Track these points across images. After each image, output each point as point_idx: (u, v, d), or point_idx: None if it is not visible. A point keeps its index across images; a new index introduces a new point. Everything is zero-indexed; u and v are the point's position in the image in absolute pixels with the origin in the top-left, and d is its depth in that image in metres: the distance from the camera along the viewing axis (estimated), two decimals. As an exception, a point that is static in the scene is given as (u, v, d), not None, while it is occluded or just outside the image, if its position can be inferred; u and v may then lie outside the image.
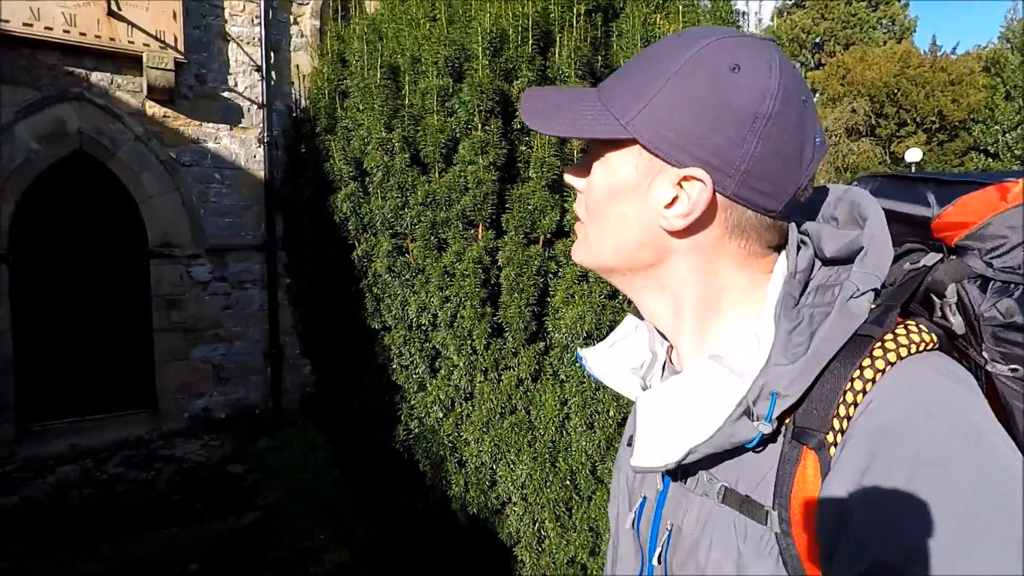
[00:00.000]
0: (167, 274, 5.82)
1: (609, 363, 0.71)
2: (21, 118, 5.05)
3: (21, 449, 5.13)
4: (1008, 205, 0.55)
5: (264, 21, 6.10)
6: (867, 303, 0.53)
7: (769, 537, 0.53)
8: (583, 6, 1.89)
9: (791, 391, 0.51)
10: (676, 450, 0.56)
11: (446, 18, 2.00)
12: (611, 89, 0.58)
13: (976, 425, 0.47)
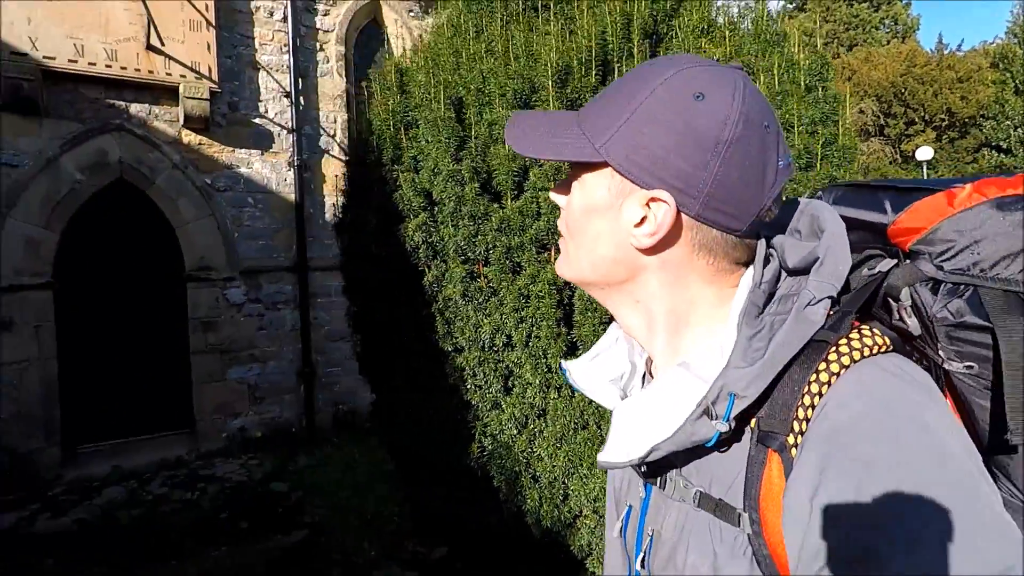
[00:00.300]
0: (203, 297, 5.94)
1: (590, 375, 0.74)
2: (66, 150, 5.22)
3: (66, 472, 5.24)
4: (955, 210, 0.57)
5: (292, 49, 6.27)
6: (823, 310, 0.56)
7: (742, 539, 0.55)
8: (638, 36, 1.98)
9: (748, 392, 0.54)
10: (639, 447, 0.59)
11: (505, 52, 2.10)
12: (588, 115, 0.61)
13: (925, 423, 0.49)
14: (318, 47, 6.57)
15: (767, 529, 0.53)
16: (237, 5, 6.05)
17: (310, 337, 6.46)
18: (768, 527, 0.53)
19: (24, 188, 5.08)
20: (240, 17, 6.07)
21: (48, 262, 5.21)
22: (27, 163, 5.08)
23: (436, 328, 2.06)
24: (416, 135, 2.12)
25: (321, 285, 6.57)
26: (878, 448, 0.48)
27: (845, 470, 0.48)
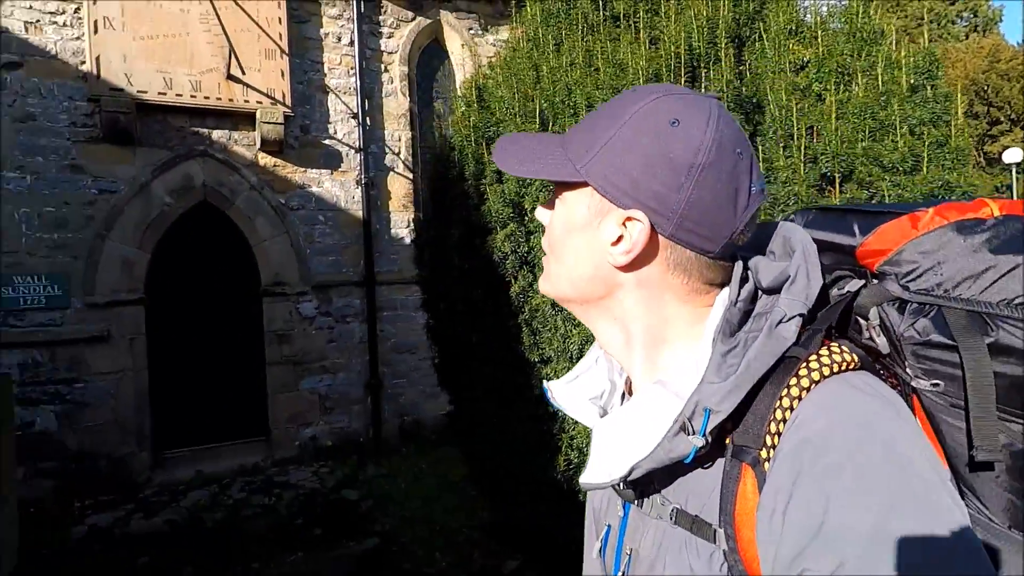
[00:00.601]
0: (278, 311, 6.20)
1: (571, 394, 0.75)
2: (156, 176, 5.58)
3: (156, 475, 5.54)
4: (919, 232, 0.59)
5: (359, 71, 6.51)
6: (795, 327, 0.58)
7: (718, 554, 0.56)
8: (724, 40, 1.97)
9: (722, 407, 0.55)
10: (621, 467, 0.60)
11: (587, 64, 2.13)
12: (572, 138, 0.64)
13: (890, 436, 0.50)
14: (383, 68, 6.80)
15: (742, 545, 0.54)
16: (308, 32, 6.34)
17: (377, 349, 6.62)
18: (743, 543, 0.54)
19: (120, 212, 5.45)
20: (310, 44, 6.36)
21: (140, 280, 5.56)
22: (123, 189, 5.46)
23: (522, 339, 2.09)
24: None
25: (387, 299, 6.74)
26: (844, 460, 0.49)
27: (813, 482, 0.49)
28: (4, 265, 5.06)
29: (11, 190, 5.09)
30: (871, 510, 0.46)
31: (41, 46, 5.20)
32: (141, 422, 5.54)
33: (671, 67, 1.94)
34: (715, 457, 0.58)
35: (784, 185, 1.84)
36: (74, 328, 5.28)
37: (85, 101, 5.31)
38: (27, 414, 5.00)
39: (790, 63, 2.02)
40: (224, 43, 5.62)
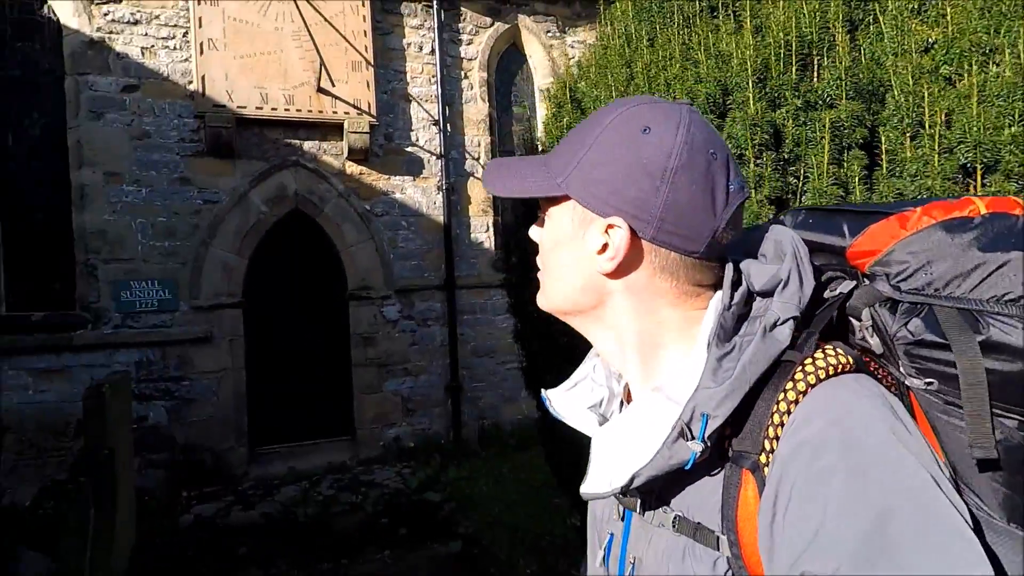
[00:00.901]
0: (363, 314, 6.40)
1: (569, 403, 0.75)
2: (254, 186, 5.91)
3: (252, 470, 5.84)
4: (907, 233, 0.60)
5: (440, 79, 6.64)
6: (788, 330, 0.59)
7: (721, 561, 0.56)
8: (839, 25, 1.84)
9: (719, 411, 0.56)
10: (621, 476, 0.60)
11: (686, 58, 2.05)
12: (554, 154, 0.66)
13: (886, 436, 0.51)
14: (463, 75, 6.91)
15: (745, 551, 0.54)
16: (391, 43, 6.53)
17: (457, 353, 6.71)
18: (746, 549, 0.54)
19: (222, 221, 5.81)
20: (394, 54, 6.55)
21: (239, 284, 5.90)
22: (224, 199, 5.82)
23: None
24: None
25: (467, 303, 6.82)
26: (840, 463, 0.49)
27: (810, 486, 0.50)
28: (123, 271, 5.50)
29: (129, 202, 5.54)
30: (867, 513, 0.46)
31: (155, 69, 5.63)
32: (239, 419, 5.87)
33: (780, 56, 1.83)
34: (715, 463, 0.59)
35: (913, 179, 1.69)
36: (181, 329, 5.66)
37: (192, 118, 5.70)
38: (141, 408, 5.40)
39: (915, 44, 1.85)
40: (315, 58, 5.88)
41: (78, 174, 5.45)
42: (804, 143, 1.82)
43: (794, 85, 1.76)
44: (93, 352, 5.38)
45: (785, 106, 1.78)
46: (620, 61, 2.34)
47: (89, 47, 5.46)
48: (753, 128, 1.72)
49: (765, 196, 1.72)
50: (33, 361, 5.22)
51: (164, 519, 4.69)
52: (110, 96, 5.50)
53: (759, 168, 1.71)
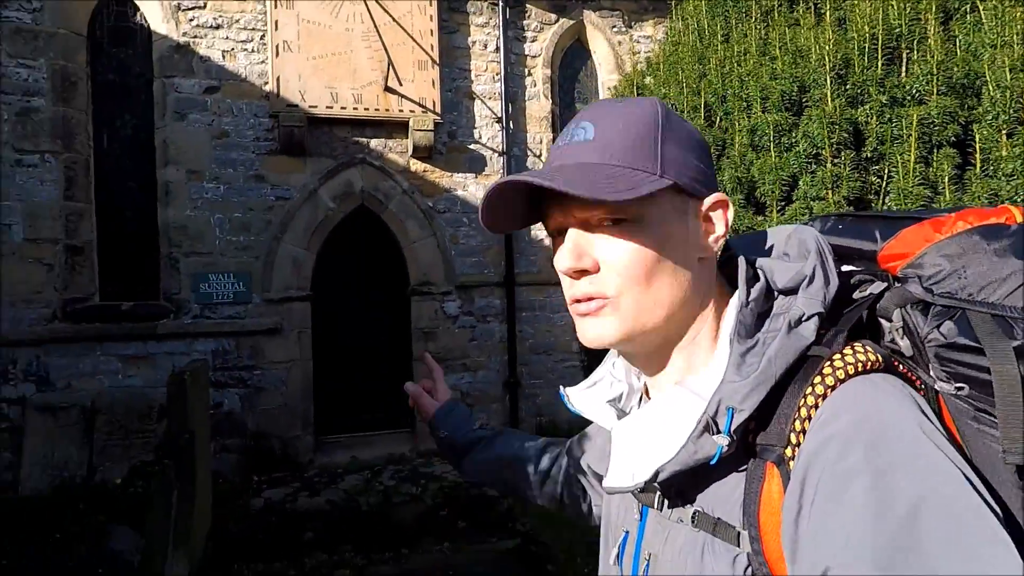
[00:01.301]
0: (425, 309, 6.52)
1: (588, 399, 0.75)
2: (323, 183, 6.12)
3: (317, 458, 6.07)
4: (942, 236, 0.59)
5: (503, 76, 6.67)
6: (813, 326, 0.58)
7: (742, 557, 0.55)
8: (932, 16, 1.72)
9: (745, 405, 0.55)
10: (645, 470, 0.60)
11: (762, 53, 1.96)
12: (612, 155, 0.60)
13: (915, 434, 0.50)
14: (526, 72, 6.91)
15: (766, 546, 0.54)
16: (456, 42, 6.61)
17: (516, 349, 6.74)
18: (768, 545, 0.54)
19: (292, 217, 6.04)
20: (459, 53, 6.62)
21: (307, 278, 6.13)
22: (295, 195, 6.05)
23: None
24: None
25: (526, 300, 6.84)
26: (868, 457, 0.49)
27: (837, 482, 0.49)
28: (202, 264, 5.82)
29: (208, 198, 5.85)
30: (895, 512, 0.45)
31: (234, 71, 5.91)
32: (306, 408, 6.11)
33: (864, 50, 1.72)
34: (738, 459, 0.58)
35: (1009, 179, 1.56)
36: (254, 321, 5.93)
37: (267, 117, 5.96)
38: (217, 395, 5.70)
39: (1016, 35, 1.71)
40: (383, 57, 6.02)
41: (163, 172, 5.79)
42: (889, 141, 1.72)
43: (879, 81, 1.66)
44: (175, 341, 5.73)
45: (869, 103, 1.68)
46: (692, 57, 2.27)
47: (175, 51, 5.79)
48: (831, 126, 1.63)
49: (843, 196, 1.63)
50: (122, 348, 5.61)
51: (237, 501, 4.94)
52: (193, 97, 5.82)
53: (836, 167, 1.62)
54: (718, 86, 2.02)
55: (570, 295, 0.65)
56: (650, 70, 2.42)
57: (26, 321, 5.36)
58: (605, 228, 0.62)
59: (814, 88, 1.75)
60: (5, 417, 5.29)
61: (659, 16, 7.08)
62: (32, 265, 5.39)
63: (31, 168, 5.41)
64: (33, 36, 5.41)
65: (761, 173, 1.81)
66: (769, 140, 1.79)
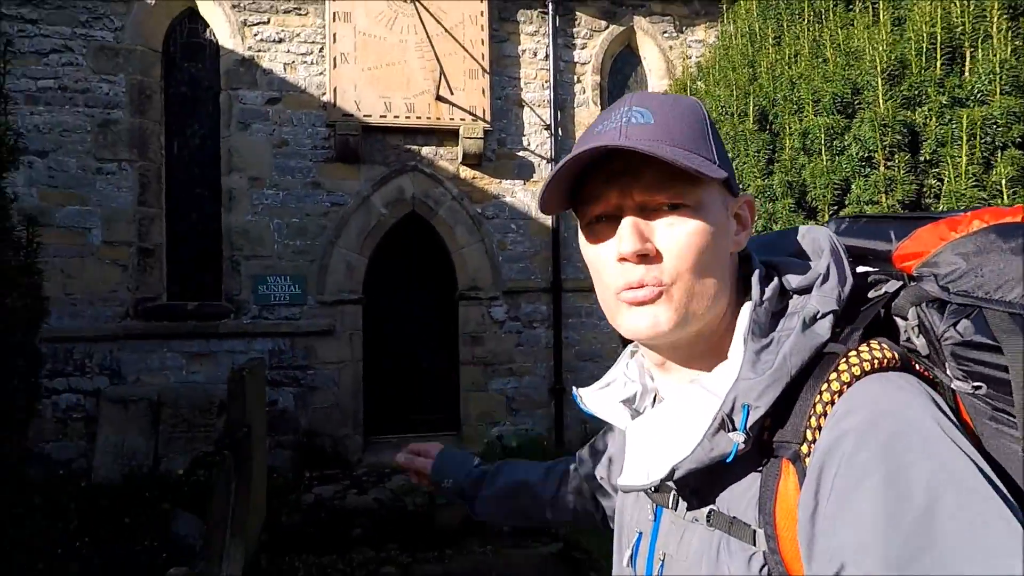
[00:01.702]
0: (472, 314, 6.61)
1: (602, 399, 0.75)
2: (376, 189, 6.30)
3: (365, 457, 6.22)
4: (958, 235, 0.59)
5: (552, 84, 6.72)
6: (828, 323, 0.59)
7: (757, 556, 0.55)
8: (998, 12, 1.65)
9: (761, 402, 0.55)
10: (660, 468, 0.59)
11: (814, 55, 1.93)
12: (671, 138, 0.59)
13: (932, 431, 0.49)
14: (575, 79, 6.93)
15: (782, 544, 0.53)
16: (506, 51, 6.70)
17: (561, 355, 6.74)
18: (783, 542, 0.53)
19: (346, 222, 6.25)
20: (508, 61, 6.71)
21: (359, 281, 6.31)
22: (349, 202, 6.25)
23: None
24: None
25: (572, 306, 6.83)
26: (884, 453, 0.48)
27: (852, 475, 0.49)
28: (261, 267, 6.08)
29: (268, 204, 6.11)
30: (911, 509, 0.45)
31: (294, 82, 6.17)
32: (356, 408, 6.27)
33: (922, 51, 1.67)
34: (753, 457, 0.58)
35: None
36: (308, 322, 6.15)
37: (324, 127, 6.19)
38: (273, 393, 5.93)
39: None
40: (435, 67, 6.17)
41: (227, 179, 6.09)
42: (949, 143, 1.67)
43: (938, 81, 1.61)
44: (234, 339, 6.00)
45: (927, 104, 1.63)
46: (743, 60, 2.25)
47: (241, 64, 6.09)
48: (883, 128, 1.59)
49: (897, 200, 1.59)
50: (186, 345, 5.91)
51: (289, 496, 5.12)
52: (256, 108, 6.11)
53: (890, 171, 1.58)
54: (769, 89, 2.00)
55: (623, 281, 0.62)
56: (701, 74, 2.40)
57: (102, 318, 5.72)
58: (664, 213, 0.61)
59: (867, 90, 1.71)
60: (81, 408, 5.66)
61: (710, 20, 6.99)
62: (109, 266, 5.76)
63: (110, 176, 5.79)
64: (115, 53, 5.80)
65: (812, 177, 1.78)
66: (820, 143, 1.76)
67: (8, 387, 1.47)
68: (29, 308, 1.73)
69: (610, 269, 0.63)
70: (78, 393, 5.66)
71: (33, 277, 1.81)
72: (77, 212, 5.71)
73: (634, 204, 0.62)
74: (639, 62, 7.29)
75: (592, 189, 0.64)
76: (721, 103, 2.06)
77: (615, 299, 0.64)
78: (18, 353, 1.58)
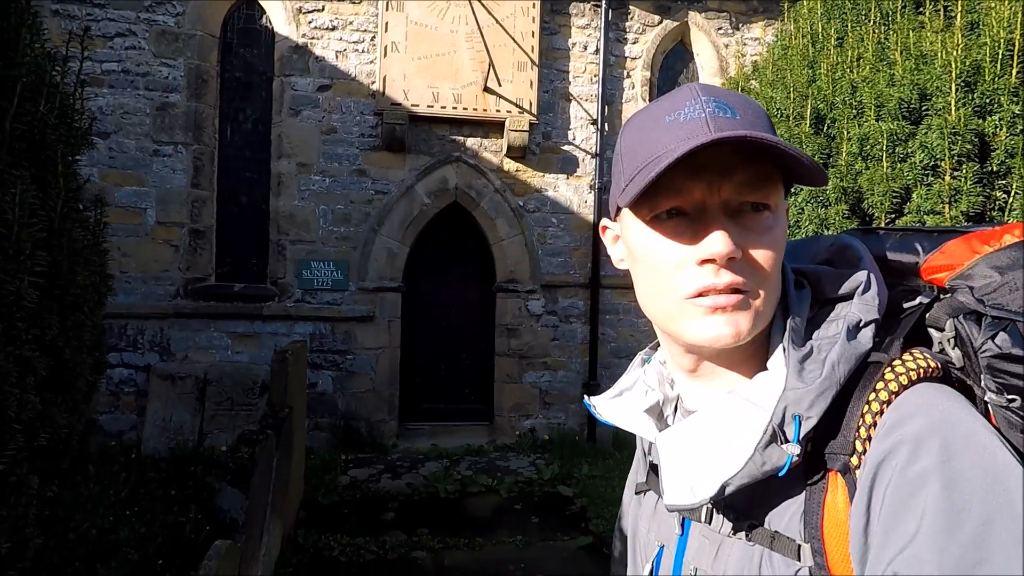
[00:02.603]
0: (509, 306, 6.63)
1: (620, 408, 0.71)
2: (420, 179, 6.37)
3: (400, 443, 6.33)
4: (992, 249, 0.59)
5: (601, 79, 6.65)
6: (870, 332, 0.58)
7: (804, 572, 0.53)
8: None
9: (812, 412, 0.54)
10: (709, 485, 0.56)
11: (878, 58, 1.87)
12: (754, 129, 0.55)
13: (983, 443, 0.48)
14: (625, 74, 6.85)
15: (830, 559, 0.52)
16: (556, 44, 6.66)
17: (597, 351, 6.72)
18: (831, 557, 0.52)
19: (390, 211, 6.34)
20: (558, 54, 6.66)
21: (400, 269, 6.40)
22: (393, 190, 6.34)
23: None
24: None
25: (610, 302, 6.79)
26: (939, 464, 0.47)
27: (905, 487, 0.48)
28: (305, 252, 6.23)
29: (314, 190, 6.25)
30: (968, 523, 0.44)
31: (345, 70, 6.28)
32: (392, 394, 6.39)
33: (997, 56, 1.60)
34: (797, 469, 0.55)
35: None
36: (349, 308, 6.28)
37: (371, 115, 6.28)
38: (313, 376, 6.08)
39: None
40: (484, 58, 6.17)
41: (277, 164, 6.25)
42: (1021, 154, 1.59)
43: (1013, 89, 1.53)
44: (278, 322, 6.17)
45: (999, 112, 1.56)
46: (803, 62, 2.18)
47: (294, 51, 6.22)
48: (953, 136, 1.53)
49: (961, 211, 1.52)
50: (232, 325, 6.11)
51: (326, 476, 5.26)
52: (307, 95, 6.23)
53: (956, 181, 1.52)
54: (828, 92, 1.94)
55: (701, 285, 0.57)
56: (756, 73, 2.35)
57: (154, 296, 5.96)
58: (747, 214, 0.58)
59: (937, 96, 1.64)
60: (133, 382, 5.92)
61: (769, 17, 6.80)
62: (162, 246, 5.98)
63: (166, 158, 6.00)
64: (175, 38, 5.99)
65: (871, 184, 1.72)
66: (881, 150, 1.70)
67: (77, 360, 1.56)
68: (96, 286, 1.83)
69: (683, 270, 0.58)
70: (130, 368, 5.92)
71: (100, 256, 1.91)
72: (134, 193, 5.95)
73: (720, 202, 0.57)
74: (691, 59, 7.15)
75: (669, 180, 0.56)
76: (777, 105, 2.01)
77: (684, 303, 0.59)
78: (85, 328, 1.68)
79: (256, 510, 2.69)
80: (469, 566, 3.98)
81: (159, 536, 3.88)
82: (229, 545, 2.18)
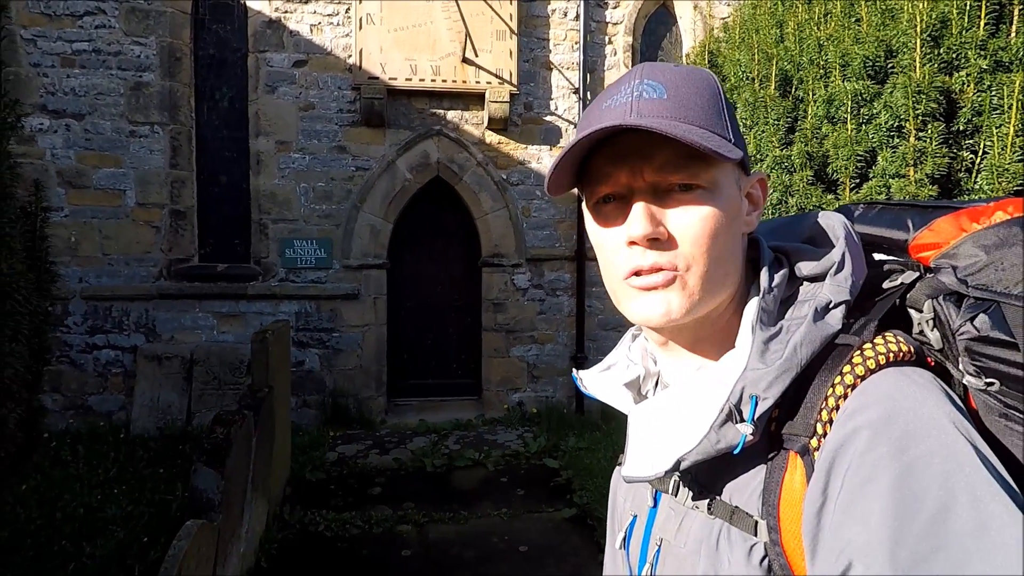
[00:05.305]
0: (495, 280, 6.61)
1: (603, 382, 0.73)
2: (401, 154, 6.27)
3: (388, 418, 6.36)
4: (979, 227, 0.57)
5: (583, 45, 6.52)
6: (840, 314, 0.57)
7: (758, 547, 0.54)
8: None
9: (769, 393, 0.54)
10: (665, 459, 0.58)
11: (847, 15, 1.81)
12: (685, 115, 0.56)
13: (946, 429, 0.48)
14: (606, 40, 6.72)
15: (784, 537, 0.53)
16: (535, 11, 6.51)
17: (584, 324, 6.72)
18: (785, 535, 0.52)
19: (371, 187, 6.25)
20: (537, 22, 6.52)
21: (384, 246, 6.35)
22: (374, 166, 6.25)
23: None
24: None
25: (596, 275, 6.76)
26: (897, 451, 0.47)
27: (863, 473, 0.47)
28: (288, 231, 6.16)
29: (295, 168, 6.15)
30: (924, 510, 0.44)
31: (320, 44, 6.13)
32: (379, 371, 6.39)
33: (964, 8, 1.55)
34: (759, 447, 0.56)
35: None
36: (333, 286, 6.24)
37: (349, 90, 6.15)
38: (299, 354, 6.07)
39: None
40: (462, 28, 6.03)
41: (255, 142, 6.13)
42: (988, 111, 1.55)
43: (980, 43, 1.48)
44: (262, 301, 6.13)
45: (966, 68, 1.51)
46: (771, 21, 2.12)
47: (268, 26, 6.06)
48: (917, 95, 1.48)
49: (926, 174, 1.48)
50: (217, 306, 6.06)
51: (314, 453, 5.28)
52: (283, 71, 6.09)
53: (921, 142, 1.47)
54: (795, 51, 1.89)
55: (632, 266, 0.59)
56: (726, 34, 2.28)
57: (137, 278, 5.90)
58: (676, 194, 0.58)
59: (903, 52, 1.59)
60: (120, 363, 5.90)
61: (752, -22, 6.65)
62: (143, 227, 5.90)
63: (142, 139, 5.88)
64: (145, 15, 5.83)
65: (835, 148, 1.68)
66: (847, 111, 1.66)
67: (5, 350, 1.52)
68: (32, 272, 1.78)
69: (618, 253, 0.61)
70: (117, 349, 5.89)
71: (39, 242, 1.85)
72: (112, 174, 5.84)
73: (645, 185, 0.59)
74: (674, 22, 7.01)
75: (599, 167, 0.60)
76: (742, 67, 1.96)
77: (623, 284, 0.61)
78: (17, 316, 1.62)
79: (234, 488, 2.69)
80: (453, 539, 4.01)
81: (146, 514, 3.90)
82: (202, 524, 2.18)
